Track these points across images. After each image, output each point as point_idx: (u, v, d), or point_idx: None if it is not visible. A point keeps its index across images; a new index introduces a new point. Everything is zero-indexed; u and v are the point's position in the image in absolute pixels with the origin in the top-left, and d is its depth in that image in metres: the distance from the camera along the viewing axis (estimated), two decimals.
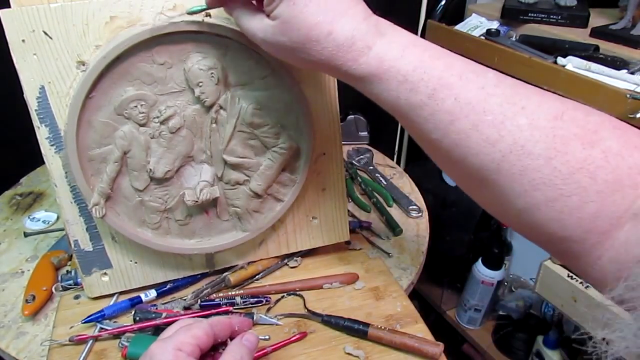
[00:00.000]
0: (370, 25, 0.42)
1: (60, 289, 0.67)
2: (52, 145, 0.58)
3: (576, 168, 0.35)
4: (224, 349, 0.44)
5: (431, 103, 0.39)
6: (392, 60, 0.41)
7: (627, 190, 0.34)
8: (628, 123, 0.37)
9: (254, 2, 0.47)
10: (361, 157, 1.03)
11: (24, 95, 0.55)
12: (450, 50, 0.42)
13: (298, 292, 0.68)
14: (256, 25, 0.45)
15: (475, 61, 0.42)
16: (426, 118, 0.40)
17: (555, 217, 0.36)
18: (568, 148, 0.35)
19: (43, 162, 0.58)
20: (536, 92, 0.39)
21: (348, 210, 0.74)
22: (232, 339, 0.46)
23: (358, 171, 0.98)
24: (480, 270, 1.30)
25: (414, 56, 0.40)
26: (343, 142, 0.69)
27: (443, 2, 1.21)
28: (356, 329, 0.61)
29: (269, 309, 0.65)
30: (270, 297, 0.66)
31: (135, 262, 0.65)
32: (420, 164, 1.50)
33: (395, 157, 1.53)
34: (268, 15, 0.44)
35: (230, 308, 0.63)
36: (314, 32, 0.41)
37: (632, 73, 0.86)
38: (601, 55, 0.95)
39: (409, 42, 0.42)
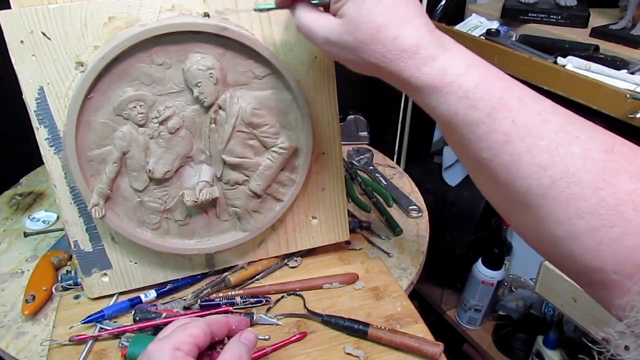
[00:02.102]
0: (434, 38, 0.42)
1: (60, 289, 0.67)
2: (51, 146, 0.58)
3: (623, 200, 0.35)
4: (221, 348, 0.44)
5: (488, 122, 0.39)
6: (455, 75, 0.41)
7: None
8: (628, 123, 0.37)
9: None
10: (361, 157, 1.03)
11: (23, 96, 0.55)
12: None
13: (298, 292, 0.68)
14: (321, 23, 0.45)
15: None
16: (480, 136, 0.40)
17: (594, 248, 0.36)
18: (617, 180, 0.36)
19: (43, 162, 0.58)
20: (588, 124, 0.40)
21: (348, 210, 0.73)
22: (229, 337, 0.46)
23: (358, 171, 0.98)
24: (480, 270, 1.30)
25: (477, 74, 0.41)
26: (343, 142, 0.69)
27: (443, 2, 1.21)
28: (356, 329, 0.61)
29: (268, 309, 0.65)
30: (270, 297, 0.66)
31: (135, 263, 0.65)
32: (420, 164, 1.50)
33: (395, 157, 1.53)
34: (334, 14, 0.44)
35: (230, 308, 0.63)
36: (380, 33, 0.42)
37: (632, 73, 0.86)
38: (601, 55, 0.95)
39: (472, 60, 0.42)
